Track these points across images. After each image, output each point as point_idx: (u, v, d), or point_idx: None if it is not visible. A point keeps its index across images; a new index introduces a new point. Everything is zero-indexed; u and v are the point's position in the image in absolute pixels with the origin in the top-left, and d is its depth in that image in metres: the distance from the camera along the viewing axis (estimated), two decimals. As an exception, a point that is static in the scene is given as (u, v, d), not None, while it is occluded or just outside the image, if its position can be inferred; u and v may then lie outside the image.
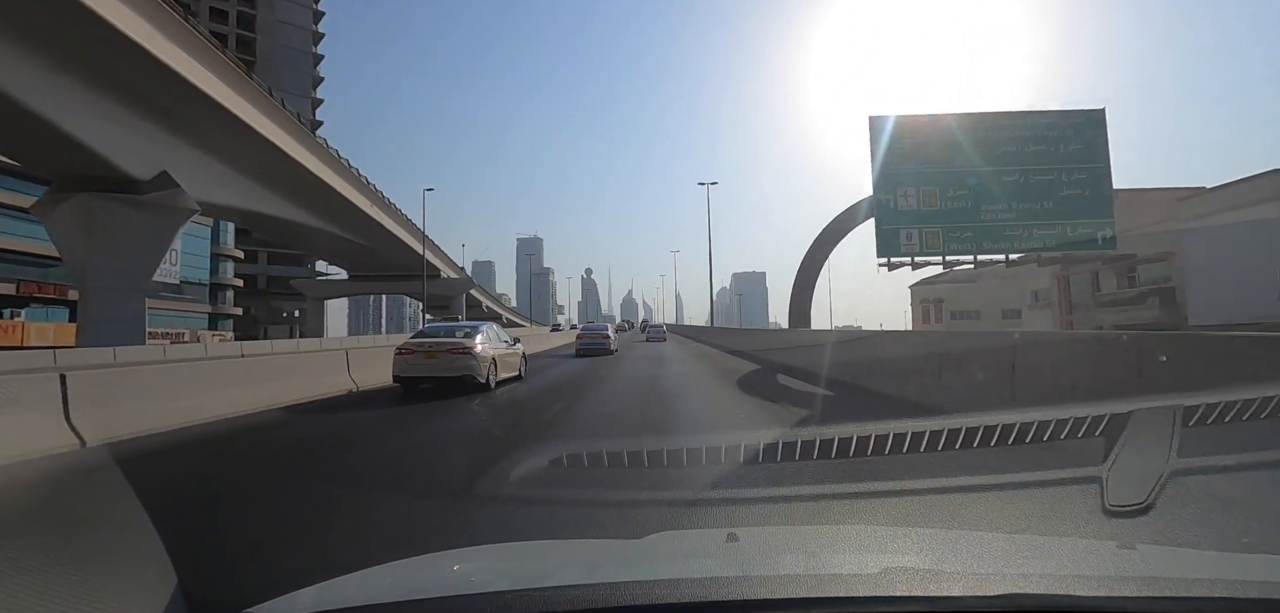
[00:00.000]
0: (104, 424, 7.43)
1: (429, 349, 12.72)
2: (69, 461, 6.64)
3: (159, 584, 2.99)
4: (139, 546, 3.66)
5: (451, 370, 12.39)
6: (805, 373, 15.26)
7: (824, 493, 4.88)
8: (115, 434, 7.44)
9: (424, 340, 13.26)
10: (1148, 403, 3.86)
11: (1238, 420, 4.50)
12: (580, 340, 29.00)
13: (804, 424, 8.70)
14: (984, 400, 7.90)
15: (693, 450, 6.21)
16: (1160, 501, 3.33)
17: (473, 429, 9.30)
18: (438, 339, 13.16)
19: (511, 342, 15.54)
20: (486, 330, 13.94)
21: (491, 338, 13.82)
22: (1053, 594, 1.20)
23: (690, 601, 1.15)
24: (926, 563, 1.49)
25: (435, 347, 12.75)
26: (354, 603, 1.23)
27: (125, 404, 8.11)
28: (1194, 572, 1.44)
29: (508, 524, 4.70)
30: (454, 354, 12.54)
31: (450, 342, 12.86)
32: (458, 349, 12.62)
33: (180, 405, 8.72)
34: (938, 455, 6.08)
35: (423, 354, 12.64)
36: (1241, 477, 4.56)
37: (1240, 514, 4.28)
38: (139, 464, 6.50)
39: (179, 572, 2.99)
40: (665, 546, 1.90)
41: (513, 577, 1.49)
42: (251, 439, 8.45)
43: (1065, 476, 4.54)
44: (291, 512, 5.04)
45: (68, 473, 6.29)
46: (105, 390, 7.97)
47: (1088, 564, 1.55)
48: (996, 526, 4.09)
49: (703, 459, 5.94)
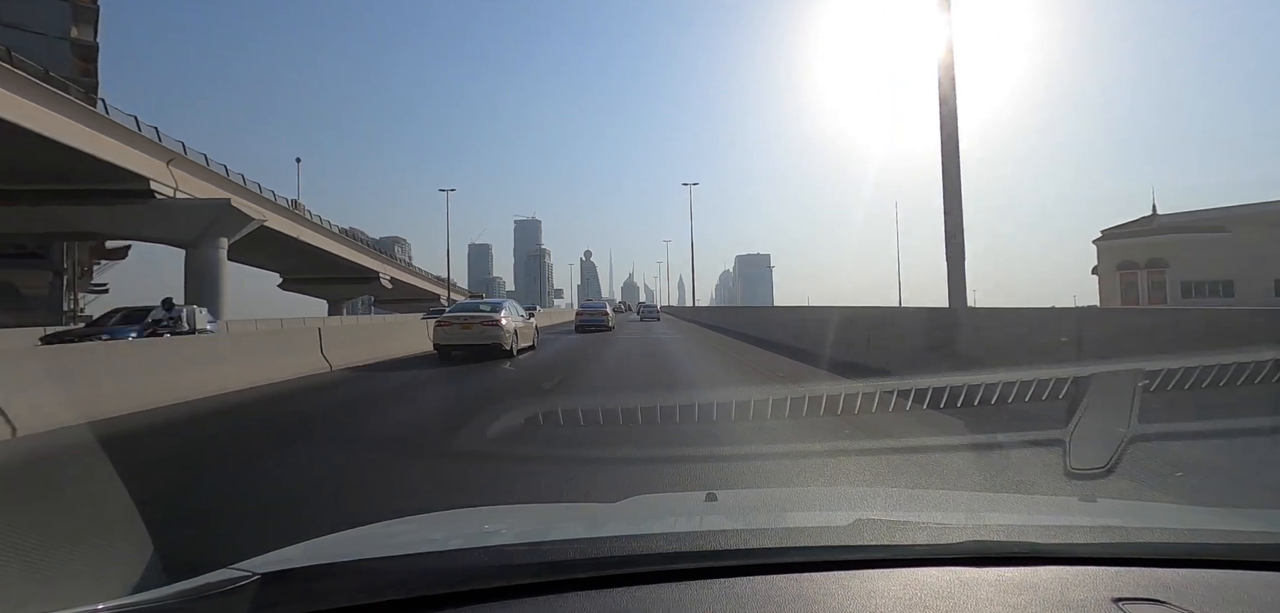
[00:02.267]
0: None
1: (464, 322, 14.87)
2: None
3: (135, 554, 2.97)
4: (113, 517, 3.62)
5: (483, 340, 14.44)
6: (780, 345, 16.49)
7: (793, 451, 5.15)
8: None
9: (460, 314, 15.55)
10: (1109, 367, 3.95)
11: (1197, 387, 4.63)
12: (579, 317, 30.32)
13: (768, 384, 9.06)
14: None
15: (666, 408, 7.04)
16: (1121, 464, 3.42)
17: (520, 379, 11.40)
18: (470, 313, 15.35)
19: (528, 316, 17.68)
20: (508, 307, 16.01)
21: (512, 313, 15.86)
22: (1011, 542, 1.24)
23: (669, 552, 1.18)
24: (893, 516, 1.53)
25: (469, 319, 14.92)
26: (323, 560, 1.22)
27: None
28: (1147, 521, 1.48)
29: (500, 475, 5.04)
30: (486, 326, 14.60)
31: (481, 316, 14.98)
32: (488, 322, 14.68)
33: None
34: (907, 416, 6.34)
35: (459, 325, 14.83)
36: (1200, 443, 4.70)
37: (1199, 477, 4.39)
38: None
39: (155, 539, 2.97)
40: (645, 507, 1.92)
41: (485, 538, 1.50)
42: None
43: (1030, 438, 4.65)
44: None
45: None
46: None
47: (1046, 515, 1.59)
48: (962, 487, 4.18)
49: (676, 417, 6.68)
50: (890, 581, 1.10)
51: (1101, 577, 1.12)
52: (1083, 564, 1.16)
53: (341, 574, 1.17)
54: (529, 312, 18.72)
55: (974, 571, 1.14)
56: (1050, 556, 1.19)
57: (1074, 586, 1.09)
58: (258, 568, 1.09)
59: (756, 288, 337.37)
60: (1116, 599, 1.02)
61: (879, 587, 1.08)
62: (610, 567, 1.14)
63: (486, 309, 15.48)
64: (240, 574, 1.07)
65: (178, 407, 8.28)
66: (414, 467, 5.37)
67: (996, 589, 1.07)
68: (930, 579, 1.11)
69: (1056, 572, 1.14)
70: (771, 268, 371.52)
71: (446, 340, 14.80)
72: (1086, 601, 1.03)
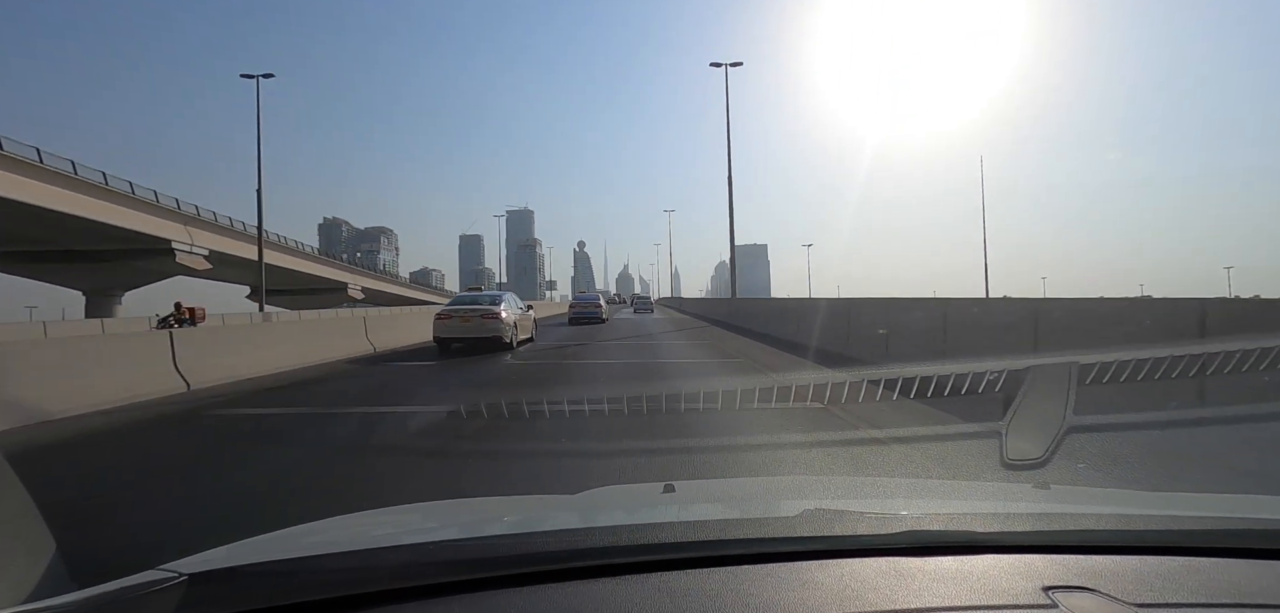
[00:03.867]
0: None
1: (464, 315, 14.88)
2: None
3: (35, 551, 2.81)
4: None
5: (483, 332, 14.53)
6: (766, 336, 17.71)
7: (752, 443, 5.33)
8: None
9: (459, 307, 15.44)
10: (1045, 359, 4.05)
11: (1132, 380, 4.80)
12: (573, 309, 29.59)
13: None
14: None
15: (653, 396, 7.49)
16: (1056, 456, 3.52)
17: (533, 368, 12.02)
18: (469, 307, 15.27)
19: (526, 308, 17.88)
20: (507, 300, 16.17)
21: (511, 306, 16.00)
22: (949, 531, 1.25)
23: (604, 546, 1.17)
24: (839, 506, 1.54)
25: (469, 312, 14.92)
26: (251, 561, 1.17)
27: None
28: (1083, 508, 1.51)
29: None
30: (486, 319, 14.69)
31: (480, 309, 15.01)
32: (489, 315, 14.76)
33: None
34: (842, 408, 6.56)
35: (459, 319, 14.84)
36: (1133, 435, 4.89)
37: (1130, 468, 4.56)
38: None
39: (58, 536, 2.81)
40: (599, 499, 1.91)
41: (445, 530, 1.49)
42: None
43: (968, 430, 4.78)
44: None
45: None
46: None
47: (985, 503, 1.62)
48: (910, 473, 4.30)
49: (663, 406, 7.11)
50: (826, 572, 1.10)
51: (1034, 565, 1.13)
52: (1017, 552, 1.18)
53: (268, 574, 1.14)
54: (527, 305, 18.84)
55: (911, 560, 1.15)
56: (986, 544, 1.20)
57: (1007, 574, 1.10)
58: (185, 569, 1.06)
59: (753, 279, 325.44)
60: (1047, 588, 1.03)
61: (815, 578, 1.08)
62: (543, 563, 1.13)
63: (486, 302, 15.56)
64: (166, 575, 1.03)
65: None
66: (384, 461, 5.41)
67: (931, 579, 1.08)
68: (867, 571, 1.11)
69: (992, 560, 1.15)
70: (768, 260, 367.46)
71: (447, 333, 14.81)
72: (1018, 589, 1.04)
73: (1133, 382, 4.81)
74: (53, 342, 11.52)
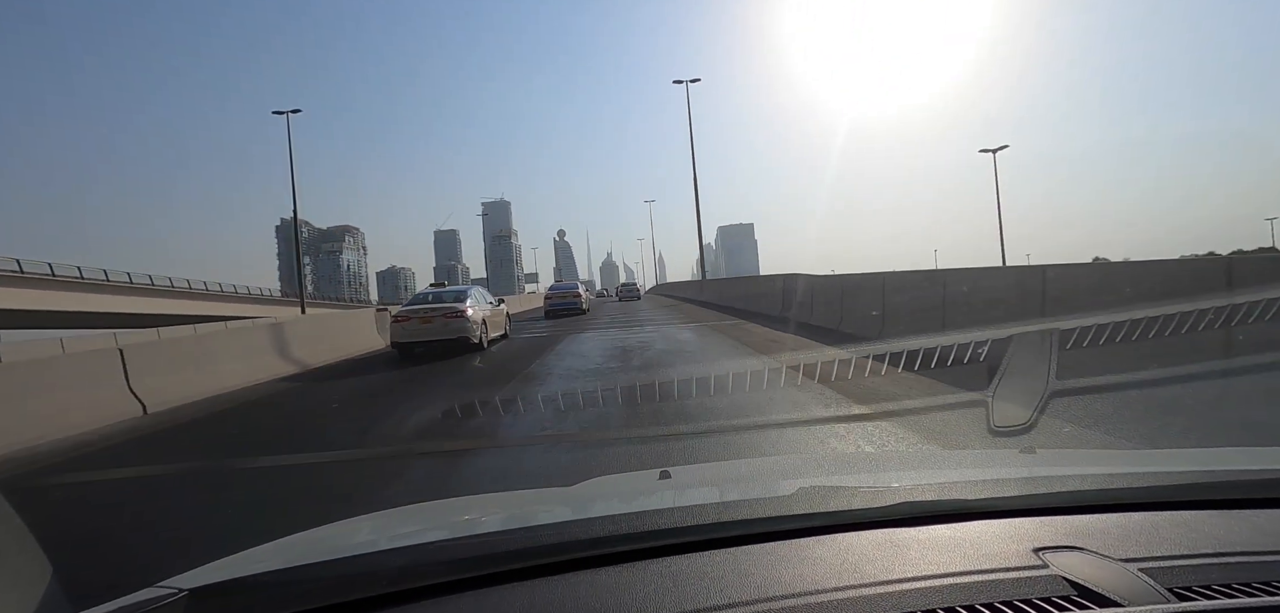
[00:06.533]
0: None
1: (424, 315, 13.17)
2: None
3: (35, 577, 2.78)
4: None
5: (447, 334, 12.97)
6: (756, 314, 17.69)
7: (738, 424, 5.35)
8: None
9: (418, 306, 13.62)
10: (1026, 327, 4.12)
11: (1110, 342, 4.89)
12: (548, 301, 26.46)
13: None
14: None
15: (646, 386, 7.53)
16: (1042, 420, 3.58)
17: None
18: (430, 305, 13.56)
19: (497, 302, 16.32)
20: (474, 294, 14.50)
21: (479, 300, 14.40)
22: (941, 500, 1.29)
23: (600, 536, 1.17)
24: (833, 482, 1.57)
25: (430, 312, 13.21)
26: (252, 572, 1.17)
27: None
28: (1070, 470, 1.55)
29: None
30: (449, 318, 13.08)
31: (444, 307, 13.34)
32: (452, 313, 13.14)
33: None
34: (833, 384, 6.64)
35: (419, 320, 13.12)
36: (1113, 395, 4.98)
37: (1112, 429, 4.64)
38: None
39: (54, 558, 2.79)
40: (595, 490, 1.92)
41: (446, 529, 1.48)
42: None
43: (954, 400, 4.84)
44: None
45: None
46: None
47: (976, 471, 1.65)
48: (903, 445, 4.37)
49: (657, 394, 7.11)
50: (824, 547, 1.12)
51: (1024, 528, 1.16)
52: (1008, 517, 1.21)
53: (268, 585, 1.14)
54: (498, 299, 17.14)
55: (905, 531, 1.17)
56: (977, 511, 1.23)
57: (999, 538, 1.13)
58: (185, 584, 1.06)
59: (740, 258, 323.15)
60: (1037, 548, 1.06)
61: (813, 554, 1.10)
62: (544, 555, 1.13)
63: (449, 299, 13.86)
64: (167, 591, 1.03)
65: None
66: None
67: (925, 548, 1.11)
68: (863, 543, 1.13)
69: (983, 526, 1.18)
70: (756, 239, 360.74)
71: (406, 337, 13.19)
72: (1009, 552, 1.07)
73: (1111, 343, 4.91)
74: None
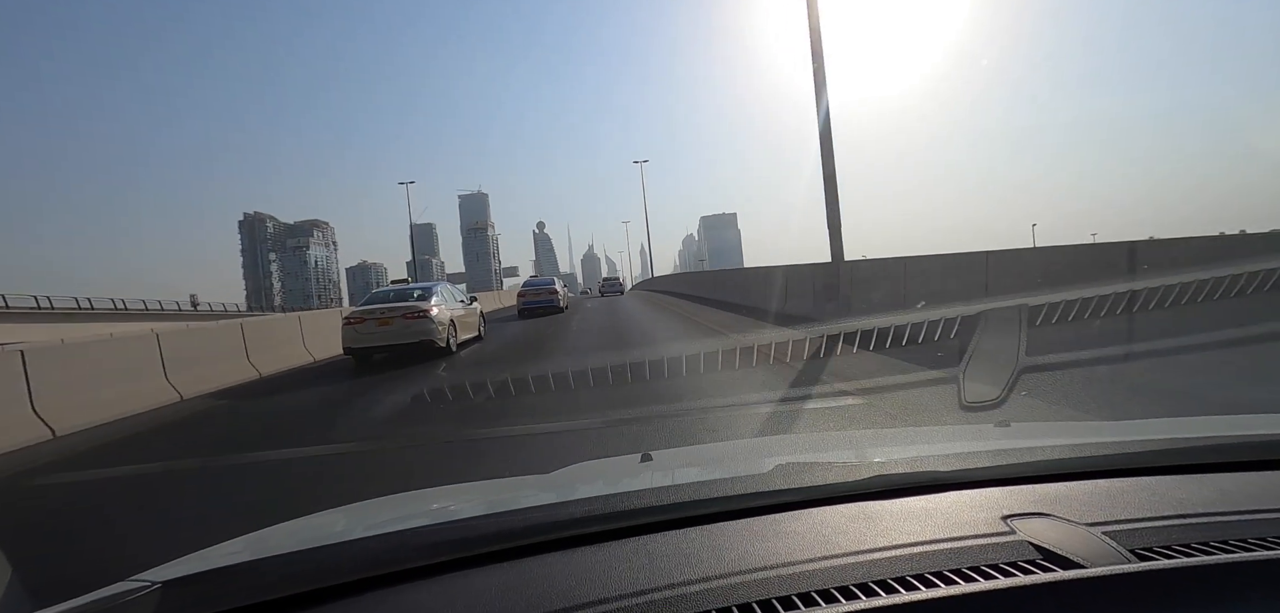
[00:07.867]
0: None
1: (382, 316, 11.75)
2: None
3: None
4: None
5: (408, 337, 11.56)
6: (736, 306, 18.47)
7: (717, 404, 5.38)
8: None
9: (374, 306, 12.12)
10: (995, 304, 4.19)
11: (1079, 319, 4.99)
12: (522, 299, 24.68)
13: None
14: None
15: (637, 364, 7.58)
16: (1012, 396, 3.65)
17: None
18: (389, 304, 12.06)
19: (469, 300, 14.71)
20: (441, 290, 12.95)
21: (447, 298, 12.94)
22: (914, 472, 1.32)
23: (579, 517, 1.19)
24: (809, 458, 1.58)
25: (389, 312, 11.77)
26: (225, 563, 1.17)
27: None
28: (1040, 440, 1.58)
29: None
30: (410, 319, 11.63)
31: (404, 306, 11.86)
32: (414, 314, 11.68)
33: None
34: (819, 363, 6.69)
35: (375, 322, 11.73)
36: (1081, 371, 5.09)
37: (1080, 403, 4.74)
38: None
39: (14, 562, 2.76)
40: (576, 474, 1.92)
41: (425, 516, 1.48)
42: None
43: (926, 377, 4.91)
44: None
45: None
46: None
47: (947, 445, 1.69)
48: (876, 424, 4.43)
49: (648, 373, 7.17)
50: (800, 521, 1.14)
51: (993, 497, 1.19)
52: (978, 487, 1.24)
53: (241, 574, 1.13)
54: (471, 297, 15.59)
55: (879, 504, 1.20)
56: (949, 483, 1.27)
57: (969, 508, 1.16)
58: (159, 576, 1.05)
59: (724, 249, 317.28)
60: (1005, 516, 1.09)
61: (789, 528, 1.12)
62: (521, 537, 1.14)
63: (411, 298, 12.26)
64: (140, 584, 1.03)
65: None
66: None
67: (898, 519, 1.13)
68: (838, 517, 1.15)
69: (955, 497, 1.21)
70: (739, 228, 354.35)
71: (360, 342, 11.79)
72: (979, 520, 1.10)
73: (1079, 320, 5.02)
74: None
